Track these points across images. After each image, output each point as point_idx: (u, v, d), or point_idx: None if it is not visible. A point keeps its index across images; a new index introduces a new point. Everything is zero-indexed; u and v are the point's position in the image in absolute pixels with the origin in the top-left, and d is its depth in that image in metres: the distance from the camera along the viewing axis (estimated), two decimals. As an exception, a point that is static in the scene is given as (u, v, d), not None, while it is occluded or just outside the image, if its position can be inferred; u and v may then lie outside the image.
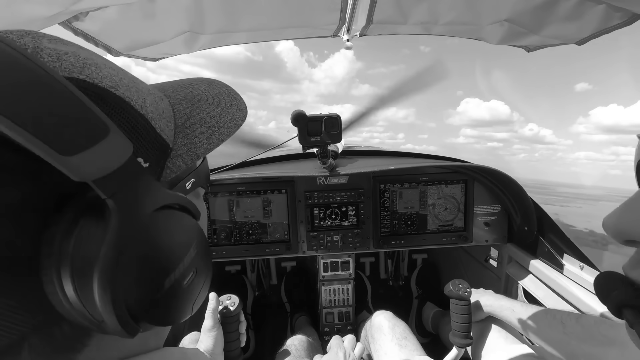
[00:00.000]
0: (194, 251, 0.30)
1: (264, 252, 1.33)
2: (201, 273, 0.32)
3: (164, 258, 0.27)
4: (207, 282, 0.34)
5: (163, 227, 0.27)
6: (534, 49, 1.27)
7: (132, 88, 0.30)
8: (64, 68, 0.25)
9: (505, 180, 1.25)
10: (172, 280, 0.27)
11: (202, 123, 0.36)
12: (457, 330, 0.98)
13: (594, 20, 0.96)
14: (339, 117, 1.14)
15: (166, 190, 0.29)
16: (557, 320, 0.82)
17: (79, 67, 0.26)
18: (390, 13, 1.11)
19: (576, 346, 0.74)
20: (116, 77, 0.29)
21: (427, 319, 1.64)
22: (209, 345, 0.87)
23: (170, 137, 0.33)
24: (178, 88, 0.40)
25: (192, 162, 0.34)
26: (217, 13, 1.07)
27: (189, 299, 0.31)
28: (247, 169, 1.36)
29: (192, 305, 0.32)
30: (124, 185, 0.24)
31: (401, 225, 1.35)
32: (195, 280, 0.31)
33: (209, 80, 0.43)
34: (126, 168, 0.24)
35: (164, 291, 0.27)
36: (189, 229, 0.30)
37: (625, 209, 0.30)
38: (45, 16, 0.81)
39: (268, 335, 1.71)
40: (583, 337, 0.74)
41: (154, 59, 1.34)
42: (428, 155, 1.58)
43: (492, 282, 1.47)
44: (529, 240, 1.26)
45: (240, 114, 0.40)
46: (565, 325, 0.79)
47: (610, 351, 0.67)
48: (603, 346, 0.69)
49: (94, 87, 0.26)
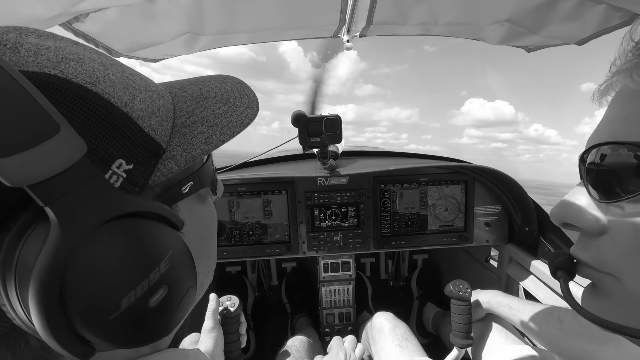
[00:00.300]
0: (167, 265, 0.26)
1: (265, 253, 1.32)
2: (177, 289, 0.28)
3: (119, 274, 0.23)
4: (188, 297, 0.30)
5: (119, 239, 0.24)
6: (534, 49, 1.27)
7: (118, 85, 0.28)
8: (37, 63, 0.24)
9: (505, 180, 1.24)
10: (132, 299, 0.24)
11: (204, 122, 0.34)
12: (457, 331, 0.98)
13: (594, 20, 0.95)
14: (339, 118, 1.14)
15: (130, 196, 0.26)
16: (554, 317, 0.82)
17: (55, 62, 0.24)
18: (390, 14, 1.11)
19: (573, 343, 0.75)
20: (100, 73, 0.27)
21: (427, 319, 1.63)
22: (209, 347, 0.87)
23: (165, 137, 0.31)
24: (188, 85, 0.38)
25: (187, 164, 0.31)
26: (217, 14, 1.07)
27: (161, 319, 0.27)
28: (247, 169, 1.36)
29: (167, 323, 0.28)
30: (68, 190, 0.21)
31: (401, 225, 1.35)
32: (168, 297, 0.27)
33: (225, 77, 0.41)
34: (74, 171, 0.22)
35: (122, 311, 0.23)
36: (161, 241, 0.27)
37: (563, 199, 0.36)
38: (46, 17, 0.81)
39: (268, 336, 1.71)
40: (580, 333, 0.74)
41: (155, 59, 1.34)
42: (428, 155, 1.58)
43: (493, 282, 1.47)
44: (530, 241, 1.26)
45: (250, 112, 0.38)
46: (563, 322, 0.79)
47: (608, 348, 0.67)
48: (600, 343, 0.69)
49: (64, 82, 0.24)
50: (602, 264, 0.33)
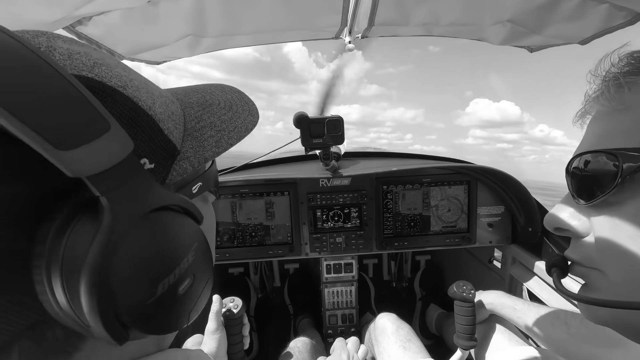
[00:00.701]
0: (193, 256, 0.29)
1: (267, 254, 1.33)
2: (200, 279, 0.30)
3: (158, 261, 0.25)
4: (207, 289, 0.32)
5: (159, 228, 0.26)
6: (537, 49, 1.27)
7: (141, 89, 0.30)
8: (74, 66, 0.25)
9: (508, 181, 1.24)
10: (165, 285, 0.26)
11: (212, 127, 0.36)
12: (461, 332, 0.97)
13: (596, 19, 0.95)
14: (341, 119, 1.13)
15: (167, 191, 0.28)
16: (560, 320, 0.81)
17: (89, 66, 0.26)
18: (391, 15, 1.11)
19: (579, 347, 0.74)
20: (126, 78, 0.29)
21: (430, 320, 1.63)
22: (212, 348, 0.87)
23: (179, 140, 0.33)
24: (191, 92, 0.40)
25: (200, 165, 0.34)
26: (219, 16, 1.07)
27: (185, 307, 0.29)
28: (249, 171, 1.36)
29: (189, 313, 0.30)
30: (119, 183, 0.23)
31: (404, 226, 1.35)
32: (193, 286, 0.29)
33: (222, 86, 0.43)
34: (124, 166, 0.24)
35: (157, 297, 0.25)
36: (189, 233, 0.29)
37: (554, 207, 0.41)
38: (48, 21, 0.82)
39: (271, 338, 1.71)
40: (587, 337, 0.74)
41: (157, 62, 1.35)
42: (431, 156, 1.58)
43: (496, 283, 1.46)
44: (533, 241, 1.25)
45: (252, 119, 0.40)
46: (570, 325, 0.79)
47: (614, 352, 0.67)
48: (607, 347, 0.69)
49: (101, 86, 0.26)
50: (588, 260, 0.37)
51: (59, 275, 0.22)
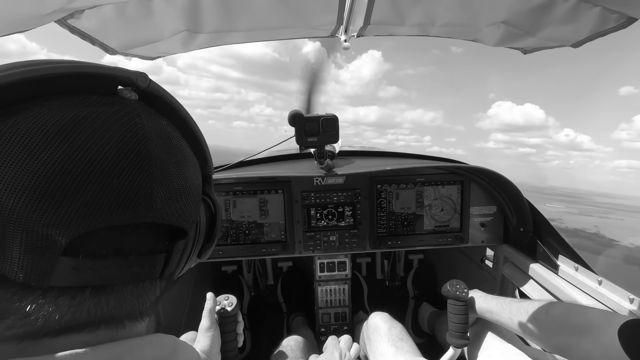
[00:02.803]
0: None
1: (261, 252, 1.32)
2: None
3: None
4: None
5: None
6: (530, 51, 1.28)
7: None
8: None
9: (501, 181, 1.25)
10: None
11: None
12: (454, 331, 0.98)
13: (589, 22, 0.96)
14: (336, 118, 1.14)
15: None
16: (535, 312, 0.83)
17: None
18: (387, 14, 1.11)
19: (555, 335, 0.76)
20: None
21: (423, 319, 1.64)
22: (205, 346, 0.87)
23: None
24: None
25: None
26: (214, 12, 1.06)
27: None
28: (243, 168, 1.36)
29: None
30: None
31: (397, 225, 1.36)
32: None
33: None
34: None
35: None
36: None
37: None
38: (41, 14, 0.80)
39: (264, 336, 1.71)
40: (555, 328, 0.76)
41: (151, 57, 1.33)
42: (425, 156, 1.58)
43: (488, 282, 1.48)
44: (525, 241, 1.27)
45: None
46: (539, 320, 0.80)
47: (582, 340, 0.68)
48: (575, 335, 0.70)
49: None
50: None
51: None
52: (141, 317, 0.35)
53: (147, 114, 0.34)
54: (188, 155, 0.38)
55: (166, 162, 0.33)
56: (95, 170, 0.28)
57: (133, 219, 0.30)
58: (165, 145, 0.34)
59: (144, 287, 0.34)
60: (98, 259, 0.29)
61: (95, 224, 0.28)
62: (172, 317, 1.39)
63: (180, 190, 0.35)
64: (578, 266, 1.06)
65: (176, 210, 0.34)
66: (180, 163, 0.36)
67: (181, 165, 0.36)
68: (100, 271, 0.29)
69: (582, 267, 1.05)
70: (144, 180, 0.31)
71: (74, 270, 0.28)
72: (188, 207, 0.36)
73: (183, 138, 0.39)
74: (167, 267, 0.35)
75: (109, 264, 0.30)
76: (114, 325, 0.33)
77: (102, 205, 0.28)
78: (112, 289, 0.31)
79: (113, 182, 0.29)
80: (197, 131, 0.41)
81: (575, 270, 1.07)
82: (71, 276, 0.28)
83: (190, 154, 0.39)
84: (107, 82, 0.33)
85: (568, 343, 0.72)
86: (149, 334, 0.37)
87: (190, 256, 0.40)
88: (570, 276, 1.07)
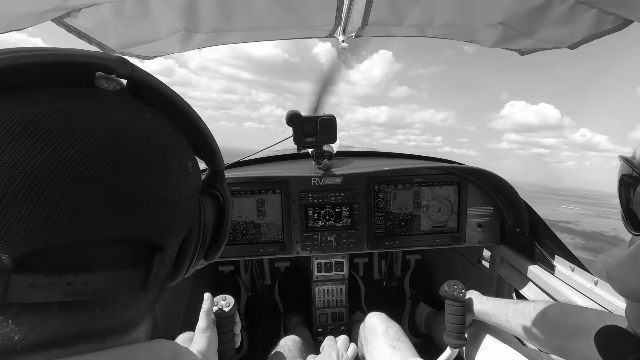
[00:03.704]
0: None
1: (258, 253, 1.32)
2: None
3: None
4: None
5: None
6: (527, 52, 1.29)
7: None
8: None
9: (498, 182, 1.26)
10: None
11: None
12: (451, 331, 0.98)
13: (585, 24, 0.97)
14: (334, 118, 1.14)
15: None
16: (531, 314, 0.83)
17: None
18: (385, 15, 1.11)
19: (552, 337, 0.76)
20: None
21: (420, 319, 1.64)
22: (202, 346, 0.86)
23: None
24: None
25: None
26: (212, 12, 1.06)
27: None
28: (241, 168, 1.35)
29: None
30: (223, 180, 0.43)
31: (395, 226, 1.36)
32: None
33: None
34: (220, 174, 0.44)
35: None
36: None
37: (634, 261, 0.28)
38: (37, 13, 0.80)
39: (261, 336, 1.71)
40: (551, 330, 0.76)
41: (149, 57, 1.33)
42: (422, 156, 1.59)
43: (485, 282, 1.48)
44: (521, 242, 1.27)
45: None
46: (535, 321, 0.81)
47: (579, 341, 0.68)
48: (572, 336, 0.71)
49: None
50: None
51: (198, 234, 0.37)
52: (125, 331, 0.32)
53: (124, 109, 0.30)
54: (176, 154, 0.33)
55: (138, 167, 0.29)
56: (43, 180, 0.24)
57: (91, 235, 0.26)
58: (142, 145, 0.30)
59: (123, 302, 0.31)
60: (59, 275, 0.26)
61: (46, 240, 0.25)
62: (169, 318, 1.39)
63: (155, 199, 0.30)
64: (574, 267, 1.06)
65: (148, 224, 0.30)
66: (161, 164, 0.31)
67: (161, 168, 0.31)
68: (64, 288, 0.26)
69: (578, 267, 1.06)
70: (104, 191, 0.26)
71: (31, 287, 0.25)
72: (166, 217, 0.31)
73: (179, 132, 0.35)
74: (149, 280, 0.31)
75: (74, 280, 0.26)
76: (92, 340, 0.29)
77: (52, 220, 0.24)
78: (83, 306, 0.28)
79: (66, 193, 0.25)
80: (198, 122, 0.36)
81: (571, 270, 1.07)
82: (29, 293, 0.25)
83: (183, 152, 0.34)
84: (82, 71, 0.29)
85: (565, 344, 0.73)
86: (149, 340, 0.35)
87: (195, 258, 0.38)
88: (567, 277, 1.07)
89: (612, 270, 0.28)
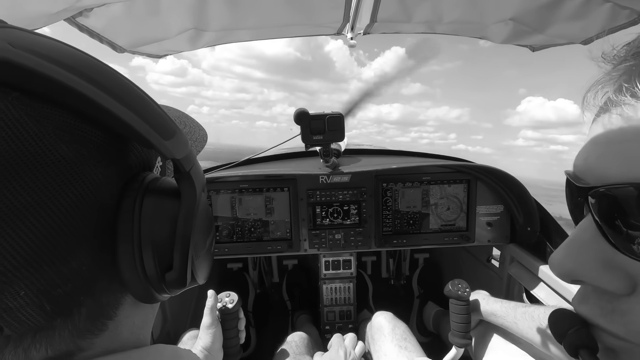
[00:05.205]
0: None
1: (266, 250, 1.33)
2: (213, 244, 0.39)
3: (210, 222, 0.36)
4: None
5: (208, 200, 0.37)
6: (539, 48, 1.27)
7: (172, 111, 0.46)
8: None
9: (508, 180, 1.24)
10: (211, 241, 0.36)
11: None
12: (456, 330, 0.98)
13: (599, 19, 0.95)
14: (342, 116, 1.13)
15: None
16: (538, 320, 0.82)
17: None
18: (394, 11, 1.11)
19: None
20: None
21: (428, 318, 1.63)
22: (207, 343, 0.88)
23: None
24: None
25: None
26: (221, 10, 1.07)
27: (210, 261, 0.38)
28: (249, 166, 1.36)
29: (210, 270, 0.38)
30: (191, 166, 0.31)
31: (403, 224, 1.35)
32: (212, 244, 0.38)
33: (165, 107, 0.48)
34: (190, 155, 0.32)
35: (206, 250, 0.35)
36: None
37: (569, 248, 0.29)
38: (50, 13, 0.81)
39: (269, 333, 1.72)
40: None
41: (159, 55, 1.34)
42: (431, 154, 1.57)
43: (494, 282, 1.46)
44: (532, 241, 1.25)
45: (203, 132, 0.51)
46: (544, 326, 0.79)
47: None
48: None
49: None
50: (635, 334, 0.26)
51: (149, 241, 0.28)
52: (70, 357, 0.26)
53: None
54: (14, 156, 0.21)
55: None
56: None
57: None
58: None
59: (47, 336, 0.25)
60: None
61: None
62: (178, 314, 1.41)
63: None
64: None
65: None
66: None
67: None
68: None
69: None
70: None
71: None
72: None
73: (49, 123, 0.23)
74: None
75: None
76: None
77: None
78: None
79: None
80: (109, 85, 0.25)
81: None
82: None
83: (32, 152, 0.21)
84: None
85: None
86: (145, 347, 0.32)
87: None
88: None
89: (552, 256, 0.30)
